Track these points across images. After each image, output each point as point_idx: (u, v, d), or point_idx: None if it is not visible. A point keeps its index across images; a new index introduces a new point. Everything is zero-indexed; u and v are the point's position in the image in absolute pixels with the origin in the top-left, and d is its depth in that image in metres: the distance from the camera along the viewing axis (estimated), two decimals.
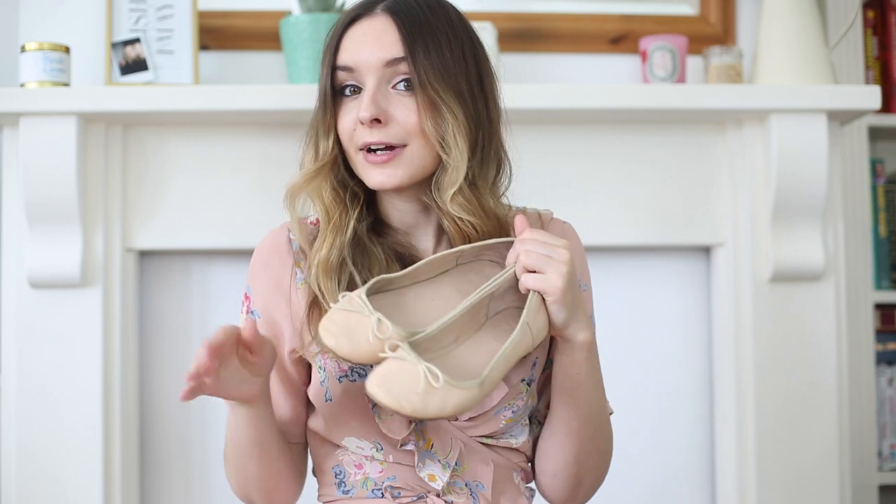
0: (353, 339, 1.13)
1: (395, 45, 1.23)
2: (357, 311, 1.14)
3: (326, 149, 1.26)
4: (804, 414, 2.06)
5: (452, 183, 1.23)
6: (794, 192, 2.02)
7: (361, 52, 1.23)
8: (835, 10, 2.33)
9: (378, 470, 1.26)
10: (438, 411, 1.09)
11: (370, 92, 1.22)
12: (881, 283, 2.48)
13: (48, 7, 2.09)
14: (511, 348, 1.13)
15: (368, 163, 1.24)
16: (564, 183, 2.04)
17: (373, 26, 1.24)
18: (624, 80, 2.18)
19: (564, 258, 1.15)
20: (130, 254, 2.00)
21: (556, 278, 1.14)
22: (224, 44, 2.11)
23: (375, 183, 1.24)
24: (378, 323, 1.12)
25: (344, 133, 1.26)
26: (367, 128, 1.22)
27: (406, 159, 1.23)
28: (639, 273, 2.13)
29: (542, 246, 1.16)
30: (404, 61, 1.22)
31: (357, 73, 1.24)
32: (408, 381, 1.09)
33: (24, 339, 1.95)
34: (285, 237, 1.31)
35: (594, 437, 1.27)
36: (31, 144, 1.90)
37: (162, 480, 2.04)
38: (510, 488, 1.28)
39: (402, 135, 1.23)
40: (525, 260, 1.15)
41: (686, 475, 2.13)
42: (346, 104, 1.26)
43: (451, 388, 1.09)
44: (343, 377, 1.24)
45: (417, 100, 1.22)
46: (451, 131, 1.22)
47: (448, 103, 1.22)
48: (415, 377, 1.08)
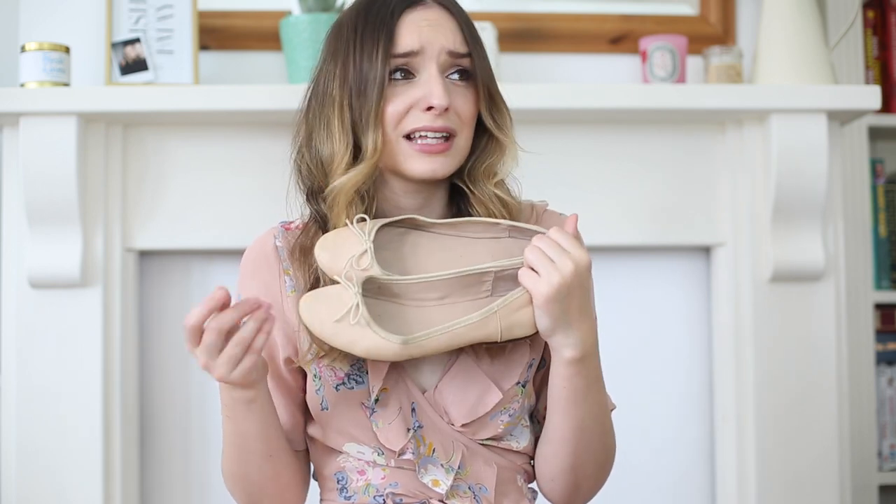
0: (335, 256, 1.15)
1: (457, 38, 1.23)
2: (360, 233, 1.15)
3: (377, 142, 1.21)
4: (804, 414, 2.06)
5: (506, 171, 1.27)
6: (794, 192, 2.02)
7: (426, 37, 1.22)
8: (835, 10, 2.33)
9: (380, 476, 1.25)
10: (347, 346, 1.11)
11: (439, 79, 1.21)
12: (881, 283, 2.48)
13: (48, 7, 2.09)
14: (462, 327, 1.13)
15: (422, 151, 1.21)
16: (564, 183, 2.04)
17: (432, 15, 1.24)
18: (624, 80, 2.18)
19: (565, 269, 1.13)
20: (130, 254, 2.00)
21: (545, 285, 1.13)
22: (224, 44, 2.11)
23: (425, 171, 1.22)
24: (362, 254, 1.13)
25: (391, 118, 1.22)
26: (433, 114, 1.21)
27: (456, 149, 1.24)
28: (639, 273, 2.13)
29: (552, 248, 1.14)
30: (467, 57, 1.24)
31: (419, 57, 1.22)
32: (333, 306, 1.11)
33: (24, 339, 1.95)
34: (272, 244, 1.29)
35: (590, 445, 1.25)
36: (31, 144, 1.90)
37: (162, 480, 2.04)
38: (513, 490, 1.28)
39: (458, 124, 1.23)
40: (528, 255, 1.15)
41: (686, 475, 2.13)
42: (395, 89, 1.22)
43: (368, 330, 1.10)
44: (340, 385, 1.23)
45: (478, 91, 1.24)
46: (507, 120, 1.27)
47: (500, 95, 1.27)
48: (340, 306, 1.10)
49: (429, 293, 1.17)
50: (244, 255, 1.31)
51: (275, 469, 1.26)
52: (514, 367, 1.24)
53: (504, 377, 1.24)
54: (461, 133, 1.24)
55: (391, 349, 1.11)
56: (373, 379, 1.21)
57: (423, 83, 1.22)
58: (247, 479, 1.27)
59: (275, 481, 1.27)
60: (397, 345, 1.11)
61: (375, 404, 1.22)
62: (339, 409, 1.24)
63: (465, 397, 1.22)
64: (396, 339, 1.11)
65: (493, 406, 1.23)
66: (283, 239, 1.29)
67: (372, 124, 1.21)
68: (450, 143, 1.22)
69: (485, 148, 1.27)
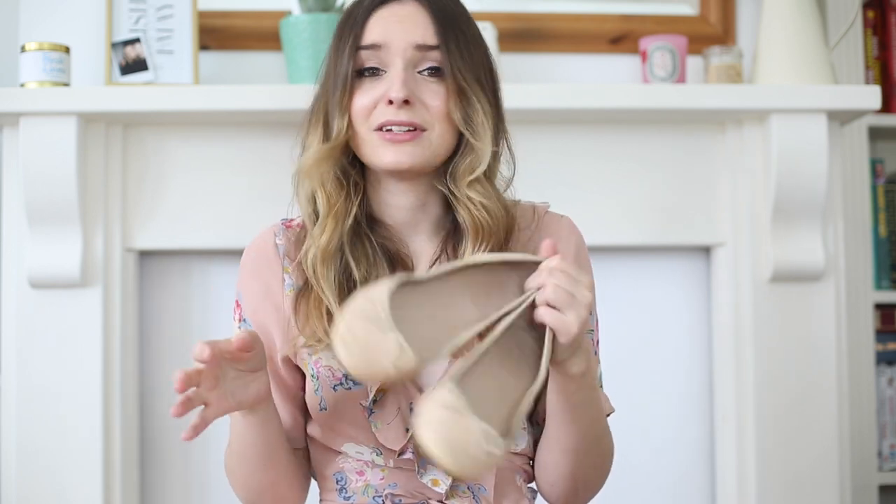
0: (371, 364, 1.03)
1: (427, 31, 1.23)
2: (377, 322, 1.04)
3: (341, 128, 1.23)
4: (804, 414, 2.06)
5: (473, 169, 1.24)
6: (794, 192, 2.02)
7: (392, 32, 1.23)
8: (835, 10, 2.32)
9: (379, 477, 1.25)
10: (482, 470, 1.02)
11: (400, 73, 1.22)
12: (881, 283, 2.48)
13: (48, 7, 2.09)
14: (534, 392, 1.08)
15: (387, 141, 1.22)
16: (564, 183, 2.04)
17: (403, 10, 1.24)
18: (624, 80, 2.18)
19: (586, 300, 1.09)
20: (130, 254, 2.00)
21: (574, 321, 1.08)
22: (224, 44, 2.11)
23: (389, 162, 1.22)
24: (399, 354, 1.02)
25: (360, 113, 1.23)
26: (394, 108, 1.21)
27: (426, 143, 1.23)
28: (639, 273, 2.13)
29: (569, 282, 1.09)
30: (436, 49, 1.23)
31: (384, 52, 1.23)
32: (466, 443, 0.99)
33: (24, 339, 1.95)
34: (272, 242, 1.29)
35: (589, 453, 1.25)
36: (31, 144, 1.90)
37: (162, 480, 2.04)
38: (512, 490, 1.28)
39: (427, 119, 1.23)
40: (550, 295, 1.09)
41: (686, 475, 2.13)
42: (363, 84, 1.24)
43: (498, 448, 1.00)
44: (338, 385, 1.23)
45: (447, 87, 1.23)
46: (479, 119, 1.24)
47: (475, 92, 1.24)
48: (471, 438, 0.99)
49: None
50: (244, 252, 1.32)
51: (277, 473, 1.27)
52: None
53: None
54: (433, 128, 1.23)
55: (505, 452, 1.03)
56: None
57: (387, 78, 1.23)
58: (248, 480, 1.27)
59: (276, 484, 1.28)
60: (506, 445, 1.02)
61: (374, 405, 1.22)
62: (338, 410, 1.24)
63: None
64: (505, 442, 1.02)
65: None
66: (284, 237, 1.29)
67: (338, 113, 1.23)
68: (415, 135, 1.22)
69: (463, 148, 1.26)
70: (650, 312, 2.13)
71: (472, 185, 1.24)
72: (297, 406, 1.30)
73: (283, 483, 1.28)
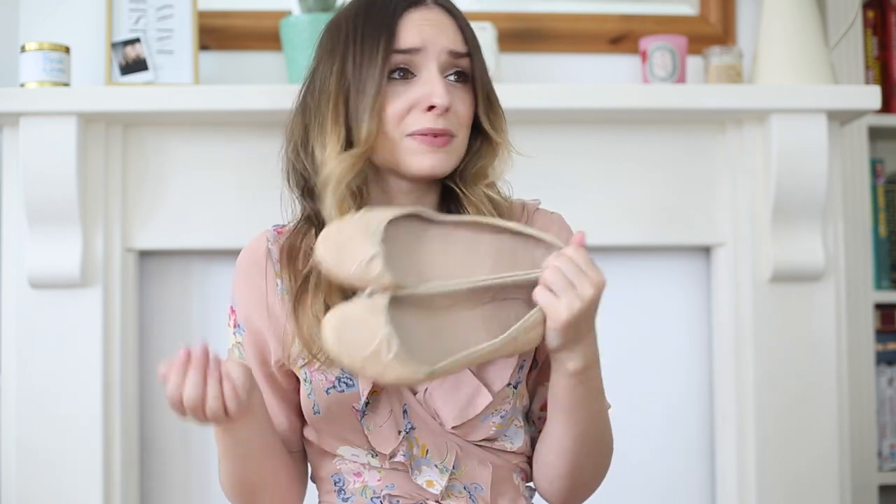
0: (341, 258, 1.08)
1: (457, 38, 1.24)
2: (364, 232, 1.09)
3: (372, 131, 1.20)
4: (804, 414, 2.06)
5: (497, 172, 1.27)
6: (794, 193, 2.02)
7: (429, 37, 1.22)
8: (835, 10, 2.32)
9: (377, 478, 1.25)
10: (374, 377, 1.07)
11: (440, 79, 1.21)
12: (881, 283, 2.48)
13: (48, 7, 2.09)
14: (485, 352, 1.11)
15: (425, 146, 1.21)
16: (564, 183, 2.04)
17: (433, 16, 1.24)
18: (624, 80, 2.18)
19: (585, 295, 1.10)
20: (130, 254, 2.00)
21: (565, 311, 1.10)
22: (224, 44, 2.11)
23: (427, 167, 1.21)
24: (371, 258, 1.07)
25: (392, 117, 1.21)
26: (434, 114, 1.21)
27: (455, 148, 1.24)
28: (639, 273, 2.13)
29: (573, 270, 1.11)
30: (465, 57, 1.24)
31: (420, 55, 1.22)
32: (362, 338, 1.05)
33: (24, 339, 1.95)
34: (264, 248, 1.29)
35: (590, 453, 1.25)
36: (31, 144, 1.90)
37: (162, 480, 2.04)
38: (509, 489, 1.28)
39: (457, 125, 1.23)
40: (549, 276, 1.12)
41: (686, 475, 2.13)
42: (395, 88, 1.22)
43: (397, 363, 1.05)
44: (331, 389, 1.23)
45: (477, 93, 1.25)
46: (503, 124, 1.27)
47: (497, 98, 1.27)
48: (370, 338, 1.04)
49: (441, 301, 1.14)
50: (238, 260, 1.32)
51: (273, 470, 1.26)
52: (504, 368, 1.24)
53: (495, 379, 1.23)
54: (458, 134, 1.24)
55: (419, 378, 1.07)
56: (362, 382, 1.21)
57: (423, 82, 1.21)
58: (245, 484, 1.27)
59: (273, 483, 1.27)
60: (423, 375, 1.07)
61: (366, 407, 1.22)
62: (331, 413, 1.24)
63: (455, 399, 1.22)
64: (424, 371, 1.06)
65: (483, 408, 1.23)
66: (276, 243, 1.29)
67: (367, 117, 1.20)
68: (449, 140, 1.22)
69: (478, 150, 1.27)
70: (650, 312, 2.13)
71: (491, 187, 1.27)
72: (293, 409, 1.30)
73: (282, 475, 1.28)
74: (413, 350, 1.07)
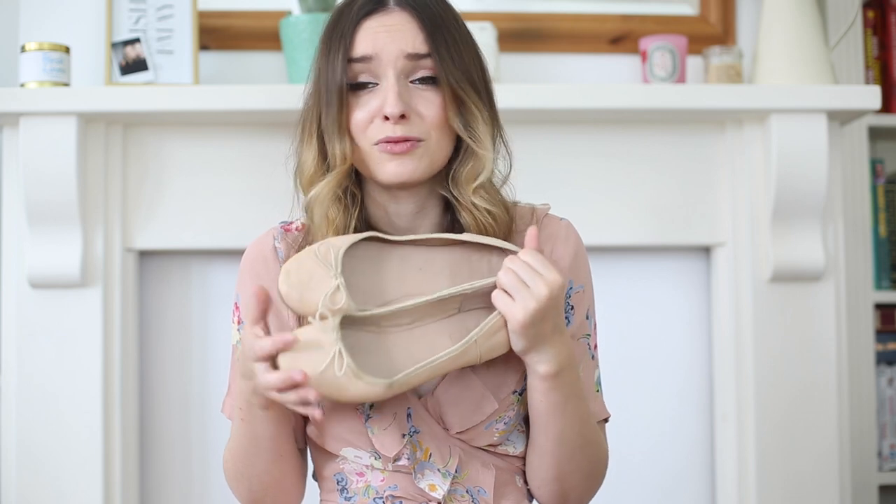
0: (304, 296, 1.11)
1: (417, 39, 1.22)
2: (325, 265, 1.11)
3: (345, 150, 1.22)
4: (804, 414, 2.06)
5: (477, 175, 1.23)
6: (794, 193, 2.02)
7: (382, 43, 1.21)
8: (835, 10, 2.32)
9: (380, 479, 1.24)
10: (335, 395, 1.09)
11: (394, 86, 1.20)
12: (881, 283, 2.48)
13: (48, 7, 2.09)
14: (443, 361, 1.12)
15: (388, 153, 1.21)
16: (564, 183, 2.04)
17: (391, 20, 1.23)
18: (624, 80, 2.18)
19: (540, 294, 1.13)
20: (130, 254, 2.00)
21: (520, 311, 1.13)
22: (224, 44, 2.11)
23: (392, 175, 1.21)
24: (334, 291, 1.10)
25: (357, 127, 1.22)
26: (391, 123, 1.20)
27: (425, 153, 1.22)
28: (639, 273, 2.13)
29: (527, 271, 1.14)
30: (428, 57, 1.22)
31: (375, 63, 1.21)
32: (315, 356, 1.08)
33: (24, 339, 1.96)
34: (270, 245, 1.29)
35: (573, 457, 1.24)
36: (31, 144, 1.90)
37: (162, 480, 2.04)
38: (512, 491, 1.27)
39: (424, 129, 1.22)
40: (502, 277, 1.14)
41: (686, 475, 2.13)
42: (358, 98, 1.23)
43: (354, 378, 1.07)
44: None
45: (443, 94, 1.22)
46: (479, 124, 1.23)
47: (471, 97, 1.23)
48: (322, 356, 1.07)
49: (401, 318, 1.16)
50: (243, 256, 1.31)
51: (282, 470, 1.26)
52: (510, 374, 1.23)
53: (500, 385, 1.23)
54: (430, 138, 1.22)
55: (378, 392, 1.10)
56: None
57: (381, 91, 1.22)
58: (253, 479, 1.27)
59: (280, 482, 1.27)
60: (382, 388, 1.09)
61: (371, 410, 1.22)
62: (335, 415, 1.24)
63: (460, 405, 1.22)
64: (381, 383, 1.09)
65: (488, 415, 1.23)
66: (283, 240, 1.29)
67: (336, 133, 1.22)
68: (414, 146, 1.21)
69: (464, 153, 1.25)
70: (650, 312, 2.13)
71: (477, 192, 1.24)
72: None
73: (290, 475, 1.28)
74: (370, 366, 1.10)
